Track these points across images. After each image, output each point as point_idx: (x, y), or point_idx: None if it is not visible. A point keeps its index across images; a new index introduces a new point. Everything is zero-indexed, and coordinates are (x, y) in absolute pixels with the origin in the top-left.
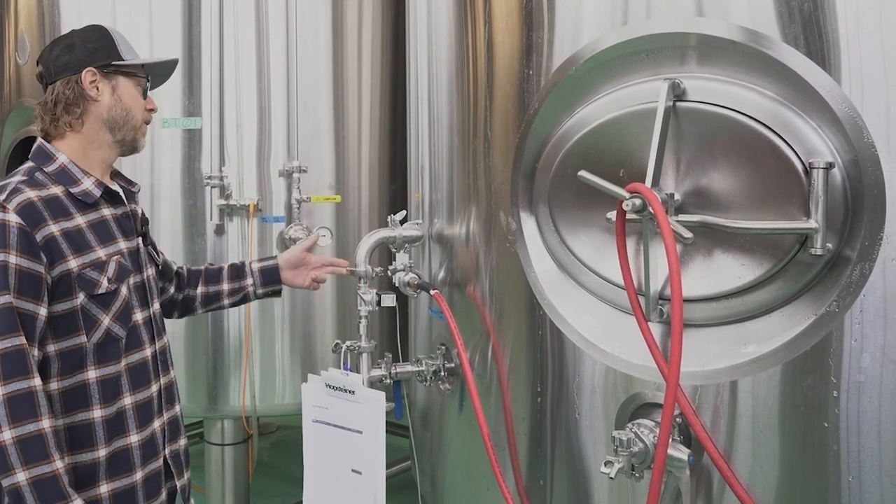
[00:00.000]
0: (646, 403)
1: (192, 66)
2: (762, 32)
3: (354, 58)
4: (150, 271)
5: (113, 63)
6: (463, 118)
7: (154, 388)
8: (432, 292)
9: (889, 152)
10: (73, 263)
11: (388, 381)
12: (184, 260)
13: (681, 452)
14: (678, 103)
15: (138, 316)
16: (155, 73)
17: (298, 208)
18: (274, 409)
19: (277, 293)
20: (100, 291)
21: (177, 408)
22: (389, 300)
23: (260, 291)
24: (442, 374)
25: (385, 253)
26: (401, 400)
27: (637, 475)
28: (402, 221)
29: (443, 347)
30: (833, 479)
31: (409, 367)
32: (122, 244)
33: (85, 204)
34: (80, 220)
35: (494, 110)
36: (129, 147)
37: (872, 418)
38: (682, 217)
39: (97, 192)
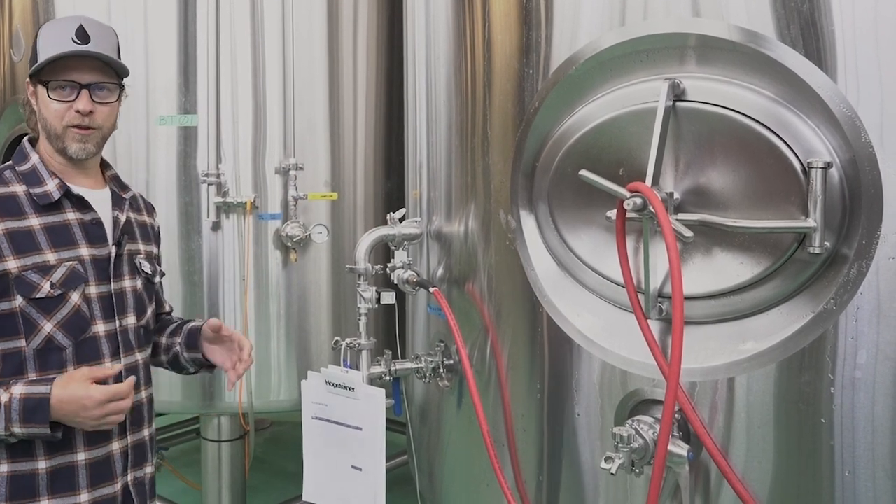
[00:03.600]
0: (644, 400)
1: (187, 63)
2: (760, 33)
3: (350, 54)
4: (129, 283)
5: (31, 73)
6: (462, 116)
7: None
8: (431, 290)
9: (886, 152)
10: (13, 264)
11: (387, 377)
12: (179, 258)
13: (680, 448)
14: (678, 103)
15: (100, 328)
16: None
17: (295, 205)
18: (270, 405)
19: (207, 368)
20: (39, 295)
21: (145, 432)
22: (389, 297)
23: (186, 355)
24: (441, 370)
25: (383, 250)
26: (400, 396)
27: (637, 471)
28: (401, 219)
29: (442, 344)
30: (828, 473)
31: (408, 364)
32: (84, 250)
33: (45, 205)
34: (33, 222)
35: (494, 109)
36: (63, 155)
37: (867, 414)
38: (681, 216)
39: (56, 195)
